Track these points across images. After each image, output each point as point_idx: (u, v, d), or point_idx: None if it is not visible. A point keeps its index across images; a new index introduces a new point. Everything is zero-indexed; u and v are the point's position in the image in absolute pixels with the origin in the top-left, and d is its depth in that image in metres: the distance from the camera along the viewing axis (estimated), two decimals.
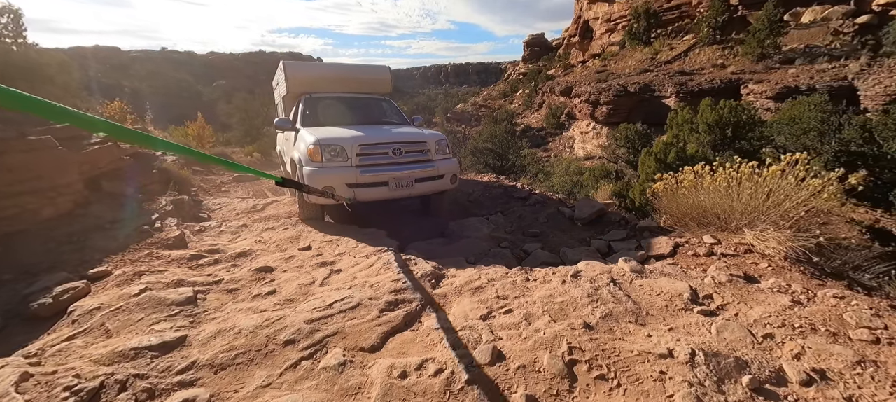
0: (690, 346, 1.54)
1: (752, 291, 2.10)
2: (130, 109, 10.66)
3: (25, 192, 3.72)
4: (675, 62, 22.73)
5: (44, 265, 3.12)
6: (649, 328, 1.75)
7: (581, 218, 4.28)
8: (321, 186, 3.53)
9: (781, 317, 1.78)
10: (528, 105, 32.29)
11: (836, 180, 2.82)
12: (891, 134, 9.38)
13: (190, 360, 1.65)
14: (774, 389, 1.37)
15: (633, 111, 21.05)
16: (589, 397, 1.35)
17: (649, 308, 1.94)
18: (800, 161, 2.93)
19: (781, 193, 2.98)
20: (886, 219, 11.27)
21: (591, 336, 1.68)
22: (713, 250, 2.93)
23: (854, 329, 1.68)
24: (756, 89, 18.33)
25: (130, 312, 2.14)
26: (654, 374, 1.42)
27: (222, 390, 1.49)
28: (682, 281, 2.20)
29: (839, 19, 19.31)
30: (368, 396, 1.40)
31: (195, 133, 13.78)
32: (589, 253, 3.28)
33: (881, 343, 1.59)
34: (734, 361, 1.48)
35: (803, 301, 1.93)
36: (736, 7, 22.27)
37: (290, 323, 1.91)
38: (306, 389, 1.46)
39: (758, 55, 19.21)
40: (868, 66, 17.41)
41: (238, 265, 3.13)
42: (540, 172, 16.17)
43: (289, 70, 5.57)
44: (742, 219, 3.22)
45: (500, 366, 1.51)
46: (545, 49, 47.25)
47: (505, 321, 1.86)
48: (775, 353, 1.56)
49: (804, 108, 12.37)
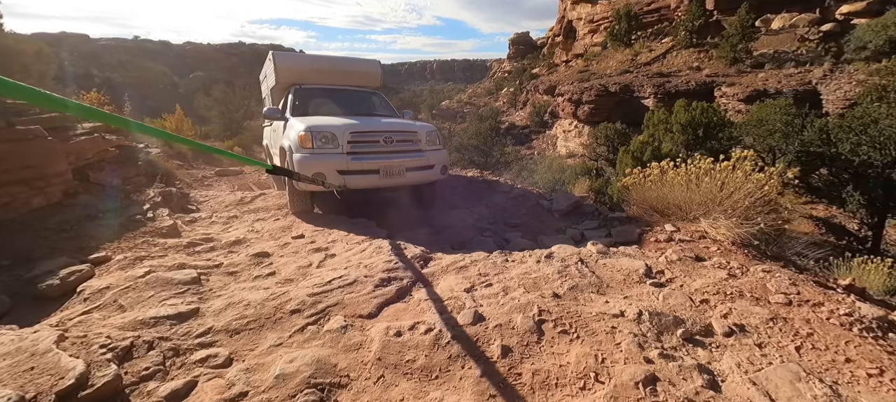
0: (639, 308, 1.86)
1: (698, 267, 2.45)
2: (108, 100, 10.43)
3: (16, 181, 3.78)
4: (654, 64, 23.59)
5: (41, 252, 3.22)
6: (607, 297, 2.07)
7: (558, 210, 4.62)
8: (311, 173, 3.54)
9: (717, 286, 2.13)
10: (512, 103, 32.80)
11: (777, 175, 3.22)
12: (844, 136, 10.16)
13: (206, 327, 1.86)
14: (702, 339, 1.70)
15: (613, 111, 21.75)
16: (553, 346, 1.64)
17: (610, 282, 2.26)
18: (747, 158, 3.33)
19: (732, 186, 3.37)
20: (841, 214, 12.19)
21: (558, 302, 1.98)
22: (672, 236, 3.29)
23: (773, 295, 2.04)
24: (729, 92, 19.27)
25: (140, 290, 2.31)
26: (607, 328, 1.73)
27: (239, 349, 1.71)
28: (640, 260, 2.53)
29: (805, 27, 20.46)
30: (369, 350, 1.65)
31: (173, 126, 13.55)
32: (563, 240, 3.60)
33: (792, 305, 1.95)
34: (673, 318, 1.80)
35: (737, 274, 2.29)
36: (712, 12, 23.26)
37: (294, 296, 2.14)
38: (314, 347, 1.69)
39: (731, 59, 20.18)
40: (830, 72, 18.56)
41: (235, 252, 3.30)
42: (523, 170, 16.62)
43: (278, 61, 5.57)
44: (699, 209, 3.61)
45: (480, 325, 1.79)
46: (530, 48, 47.94)
47: (485, 293, 2.14)
48: (707, 313, 1.89)
49: (770, 110, 13.16)
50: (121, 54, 55.80)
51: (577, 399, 1.33)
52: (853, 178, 10.55)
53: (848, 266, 4.33)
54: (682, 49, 23.22)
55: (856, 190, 10.27)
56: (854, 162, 10.17)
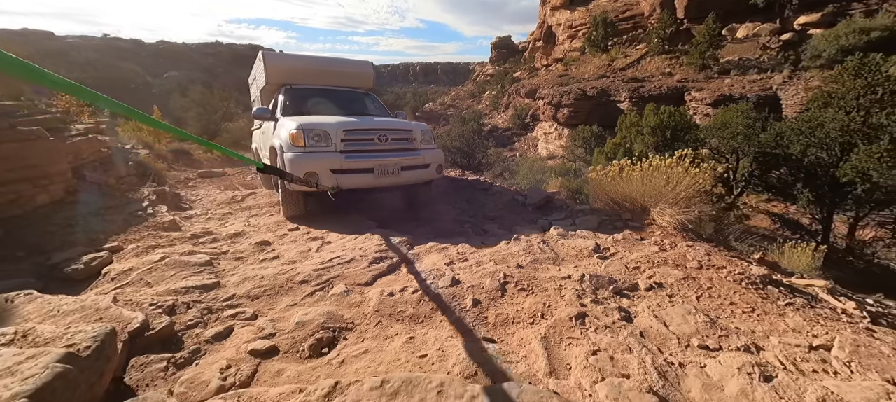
0: (583, 273, 2.36)
1: (638, 245, 2.99)
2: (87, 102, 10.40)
3: (20, 179, 4.02)
4: (629, 69, 24.76)
5: (52, 244, 3.49)
6: (561, 266, 2.57)
7: (532, 204, 5.14)
8: (303, 173, 3.48)
9: (648, 258, 2.66)
10: (495, 106, 33.59)
11: (710, 170, 3.83)
12: (795, 138, 11.15)
13: (230, 294, 2.26)
14: (628, 293, 2.21)
15: (591, 114, 22.71)
16: (513, 299, 2.12)
17: (564, 256, 2.77)
18: (687, 155, 3.92)
19: (675, 181, 3.96)
20: (796, 211, 13.28)
21: (520, 270, 2.46)
22: (627, 223, 3.85)
23: (690, 262, 2.58)
24: (698, 96, 20.50)
25: (161, 270, 2.67)
26: (556, 286, 2.22)
27: (261, 308, 2.12)
28: (592, 240, 3.05)
29: (767, 36, 21.96)
30: (368, 306, 2.09)
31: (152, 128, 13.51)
32: (534, 229, 4.12)
33: (703, 268, 2.49)
34: (608, 279, 2.31)
35: (667, 249, 2.84)
36: (682, 20, 24.63)
37: (301, 271, 2.55)
38: (323, 305, 2.12)
39: (700, 66, 21.44)
40: (789, 78, 20.02)
41: (237, 242, 3.66)
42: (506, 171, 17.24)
43: (269, 60, 5.49)
44: (650, 200, 4.18)
45: (457, 287, 2.25)
46: (512, 51, 49.04)
47: (462, 266, 2.61)
48: (636, 276, 2.42)
49: (733, 114, 14.17)
50: (89, 53, 53.90)
51: (527, 330, 1.81)
52: (805, 176, 11.59)
53: (780, 250, 5.02)
54: (655, 55, 24.46)
55: (806, 187, 11.29)
56: (804, 162, 11.19)
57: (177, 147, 14.61)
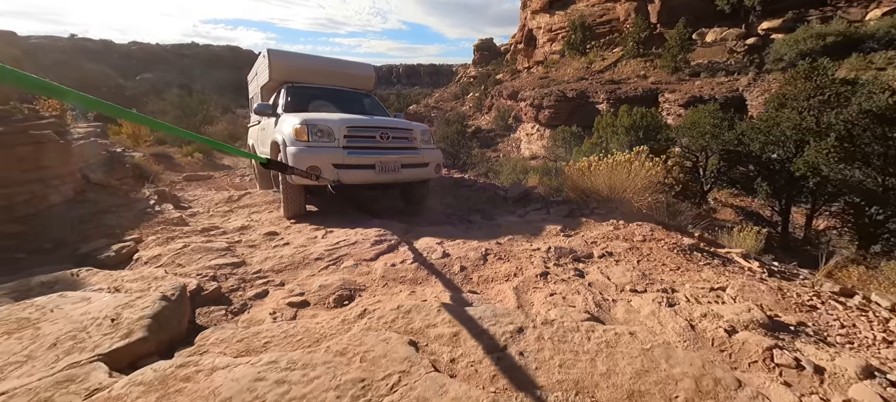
0: (549, 246, 2.92)
1: (598, 226, 3.59)
2: (71, 107, 10.45)
3: (34, 180, 4.32)
4: (607, 72, 25.92)
5: (74, 238, 3.83)
6: (533, 243, 3.12)
7: (512, 197, 5.72)
8: (306, 167, 3.57)
9: (604, 235, 3.25)
10: (478, 107, 34.35)
11: (661, 164, 4.48)
12: (755, 137, 12.17)
13: (256, 269, 2.71)
14: (584, 259, 2.78)
15: (571, 115, 23.68)
16: (492, 265, 2.65)
17: (536, 234, 3.33)
18: (643, 151, 4.56)
19: (634, 173, 4.59)
20: (757, 204, 14.39)
21: (499, 246, 3.01)
22: (593, 210, 4.45)
23: (636, 237, 3.18)
24: (671, 98, 21.68)
25: (189, 255, 3.09)
26: (527, 256, 2.77)
27: (286, 279, 2.58)
28: (560, 223, 3.63)
29: (733, 40, 23.42)
30: (375, 274, 2.58)
31: (130, 131, 13.50)
32: (513, 217, 4.68)
33: (646, 241, 3.09)
34: (570, 250, 2.88)
35: (620, 228, 3.44)
36: (655, 25, 25.98)
37: (313, 251, 3.02)
38: (338, 274, 2.60)
39: (672, 68, 22.68)
40: (754, 80, 21.42)
41: (245, 234, 4.07)
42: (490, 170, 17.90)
43: (273, 58, 5.59)
44: (614, 192, 4.81)
45: (447, 259, 2.77)
46: (494, 53, 50.05)
47: (451, 244, 3.13)
48: (592, 248, 2.99)
49: (701, 115, 15.24)
50: (56, 54, 51.91)
51: (502, 285, 2.34)
52: (764, 172, 12.66)
53: (729, 234, 5.75)
54: (630, 58, 25.67)
55: (765, 182, 12.35)
56: (762, 158, 12.23)
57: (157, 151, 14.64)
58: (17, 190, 4.18)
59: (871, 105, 11.28)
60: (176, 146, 18.41)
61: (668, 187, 4.61)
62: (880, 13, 20.05)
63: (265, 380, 1.12)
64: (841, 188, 11.33)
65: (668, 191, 4.63)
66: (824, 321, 1.89)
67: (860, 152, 11.08)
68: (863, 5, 21.20)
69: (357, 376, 1.15)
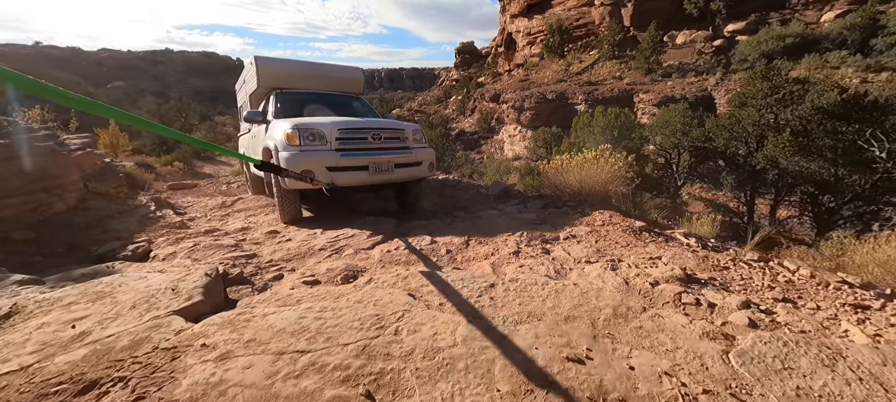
0: (523, 231, 3.43)
1: (566, 215, 4.12)
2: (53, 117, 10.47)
3: (41, 189, 4.58)
4: (584, 74, 26.96)
5: (85, 242, 4.13)
6: (510, 230, 3.63)
7: (493, 194, 6.24)
8: (299, 171, 3.58)
9: (570, 223, 3.78)
10: (461, 110, 34.99)
11: (623, 161, 5.07)
12: (719, 133, 13.10)
13: (268, 258, 3.12)
14: (552, 241, 3.29)
15: (551, 116, 24.53)
16: (474, 248, 3.14)
17: (513, 224, 3.84)
18: (606, 149, 5.15)
19: (599, 169, 5.17)
20: (726, 197, 15.39)
21: (481, 233, 3.49)
22: (565, 204, 4.99)
23: (597, 222, 3.73)
24: (645, 98, 22.76)
25: (202, 251, 3.46)
26: (502, 241, 3.27)
27: (296, 265, 3.00)
28: (534, 213, 4.15)
29: (702, 42, 24.76)
30: (373, 259, 3.03)
31: (108, 141, 13.50)
32: (493, 212, 5.19)
33: (605, 225, 3.64)
34: (540, 235, 3.39)
35: (586, 216, 3.98)
36: (628, 28, 27.20)
37: (316, 244, 3.44)
38: (341, 261, 3.03)
39: (645, 70, 23.82)
40: (721, 80, 22.71)
41: (247, 234, 4.44)
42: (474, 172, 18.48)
43: (261, 65, 5.65)
44: (584, 186, 5.38)
45: (434, 245, 3.24)
46: (475, 57, 50.94)
47: (438, 234, 3.60)
48: (560, 232, 3.52)
49: (672, 113, 16.19)
50: (19, 62, 50.03)
51: (482, 262, 2.83)
52: (729, 166, 13.63)
53: (689, 221, 6.41)
54: (606, 60, 26.78)
55: (730, 176, 13.31)
56: (727, 153, 13.19)
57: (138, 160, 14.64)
58: (23, 200, 4.43)
59: (822, 102, 12.35)
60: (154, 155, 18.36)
61: (629, 180, 5.20)
62: (833, 15, 21.64)
63: (306, 317, 1.56)
64: (798, 179, 12.35)
65: (629, 183, 5.22)
66: (730, 277, 2.45)
67: (814, 146, 12.12)
68: (817, 8, 22.81)
69: (373, 312, 1.60)
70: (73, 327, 1.55)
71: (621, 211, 4.65)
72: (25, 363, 1.34)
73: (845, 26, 20.43)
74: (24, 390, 1.21)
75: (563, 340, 1.41)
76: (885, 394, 1.24)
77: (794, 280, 2.35)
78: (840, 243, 5.61)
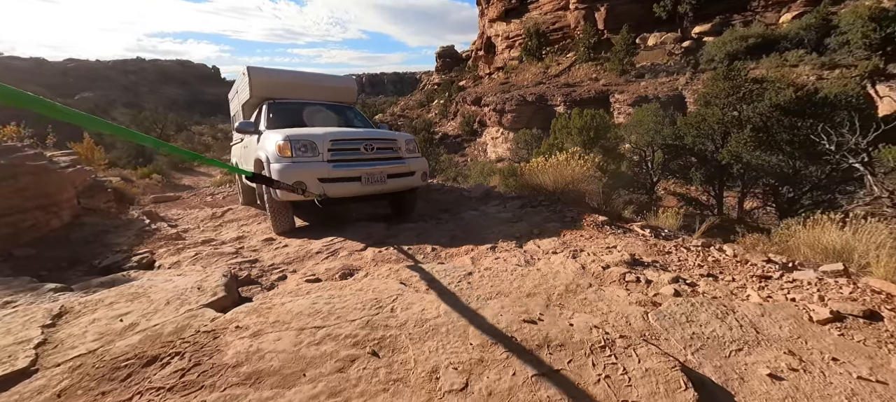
0: (501, 229, 3.86)
1: (540, 213, 4.58)
2: (30, 134, 10.38)
3: (37, 207, 4.75)
4: (562, 76, 27.87)
5: (86, 256, 4.34)
6: (491, 228, 4.05)
7: (475, 196, 6.67)
8: (291, 182, 3.65)
9: (543, 218, 4.24)
10: (443, 114, 35.50)
11: (590, 161, 5.58)
12: (687, 131, 13.95)
13: (269, 262, 3.45)
14: (525, 237, 3.73)
15: (532, 118, 25.26)
16: (458, 244, 3.55)
17: (492, 223, 4.27)
18: (576, 152, 5.65)
19: (570, 170, 5.67)
20: (696, 191, 16.30)
21: (464, 232, 3.91)
22: (541, 203, 5.46)
23: (566, 217, 4.19)
24: (620, 98, 23.73)
25: (206, 258, 3.75)
26: (484, 236, 3.69)
27: (296, 267, 3.34)
28: (511, 212, 4.59)
29: (671, 44, 25.98)
30: (367, 258, 3.39)
31: (83, 155, 13.39)
32: (475, 213, 5.61)
33: (575, 220, 4.11)
34: (517, 232, 3.83)
35: (556, 212, 4.45)
36: (603, 31, 28.29)
37: (313, 248, 3.78)
38: (337, 261, 3.39)
39: (620, 71, 24.83)
40: (690, 80, 23.88)
41: (243, 242, 4.73)
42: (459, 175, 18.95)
43: (253, 75, 5.67)
44: (558, 186, 5.86)
45: (423, 245, 3.63)
46: (456, 60, 51.65)
47: (424, 235, 4.00)
48: (534, 230, 3.96)
49: (645, 113, 17.05)
50: None
51: (463, 257, 3.24)
52: (698, 162, 14.51)
53: (654, 214, 6.98)
54: (582, 63, 27.76)
55: (699, 171, 14.19)
56: (695, 150, 14.06)
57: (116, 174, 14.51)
58: (20, 218, 4.60)
59: (779, 100, 13.33)
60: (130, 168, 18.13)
61: (597, 179, 5.71)
62: (790, 17, 23.11)
63: (317, 303, 1.94)
64: (760, 172, 13.28)
65: (598, 182, 5.73)
66: (670, 260, 2.93)
67: (773, 141, 13.07)
68: (776, 10, 24.31)
69: (372, 297, 1.99)
70: (122, 321, 1.88)
71: (591, 208, 5.15)
72: (91, 347, 1.67)
73: (802, 27, 21.86)
74: (97, 366, 1.55)
75: (522, 309, 1.83)
76: (755, 334, 1.70)
77: (720, 260, 2.84)
78: (787, 228, 6.28)
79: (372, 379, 1.38)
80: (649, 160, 16.90)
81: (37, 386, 1.45)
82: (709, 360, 1.52)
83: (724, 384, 1.39)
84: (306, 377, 1.39)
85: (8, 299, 2.23)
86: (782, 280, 2.35)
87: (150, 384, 1.42)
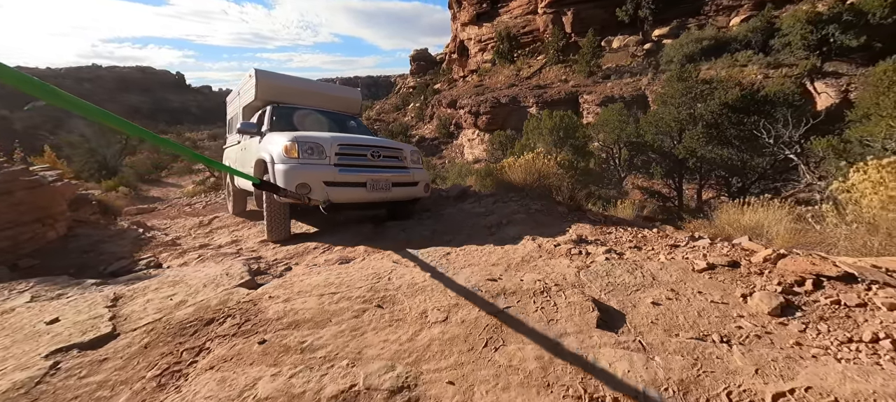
0: (475, 219, 4.51)
1: (509, 207, 5.27)
2: None
3: (33, 220, 5.02)
4: (534, 78, 29.07)
5: (89, 265, 4.67)
6: (466, 221, 4.69)
7: (452, 195, 7.31)
8: (296, 185, 3.65)
9: (513, 211, 4.93)
10: (420, 117, 36.11)
11: (555, 159, 6.33)
12: (647, 129, 15.15)
13: (272, 259, 3.95)
14: (495, 226, 4.39)
15: (507, 119, 26.25)
16: (439, 236, 4.16)
17: (468, 218, 4.92)
18: (540, 153, 6.39)
19: (536, 168, 6.40)
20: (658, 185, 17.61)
21: (444, 226, 4.53)
22: (511, 199, 6.16)
23: (532, 210, 4.89)
24: (589, 99, 25.05)
25: (211, 259, 4.20)
26: (468, 226, 4.32)
27: (298, 261, 3.85)
28: (485, 209, 5.26)
29: (634, 46, 27.64)
30: (359, 251, 3.95)
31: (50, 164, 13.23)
32: (454, 210, 6.25)
33: (540, 212, 4.81)
34: (489, 223, 4.49)
35: (525, 206, 5.14)
36: (570, 34, 29.73)
37: (309, 245, 4.30)
38: (334, 254, 3.92)
39: (587, 72, 26.20)
40: (652, 80, 25.50)
41: (240, 244, 5.17)
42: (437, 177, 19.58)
43: (260, 77, 5.77)
44: (527, 183, 6.58)
45: (407, 239, 4.22)
46: (430, 63, 52.39)
47: (409, 230, 4.59)
48: (504, 220, 4.63)
49: (611, 113, 18.25)
50: None
51: (447, 245, 3.85)
52: (658, 157, 15.78)
53: (614, 206, 7.84)
54: (552, 65, 29.05)
55: (659, 165, 15.45)
56: (655, 146, 15.30)
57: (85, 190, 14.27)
58: (19, 230, 4.86)
59: (727, 98, 14.70)
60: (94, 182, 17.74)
61: (560, 176, 6.47)
62: (739, 20, 25.13)
63: (330, 278, 2.51)
64: (713, 165, 14.61)
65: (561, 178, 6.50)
66: (610, 238, 3.66)
67: (723, 136, 14.41)
68: (726, 14, 26.34)
69: (372, 272, 2.58)
70: (171, 300, 2.38)
71: (556, 201, 5.89)
72: (156, 317, 2.18)
73: (749, 30, 23.85)
74: (167, 327, 2.07)
75: (487, 273, 2.47)
76: (652, 280, 2.41)
77: (646, 236, 3.60)
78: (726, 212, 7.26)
79: (380, 320, 1.97)
80: (616, 157, 18.12)
81: (125, 343, 1.96)
82: (614, 296, 2.20)
83: (621, 309, 2.07)
84: (332, 322, 1.97)
85: (59, 291, 2.67)
86: (686, 247, 3.10)
87: (216, 334, 1.96)
